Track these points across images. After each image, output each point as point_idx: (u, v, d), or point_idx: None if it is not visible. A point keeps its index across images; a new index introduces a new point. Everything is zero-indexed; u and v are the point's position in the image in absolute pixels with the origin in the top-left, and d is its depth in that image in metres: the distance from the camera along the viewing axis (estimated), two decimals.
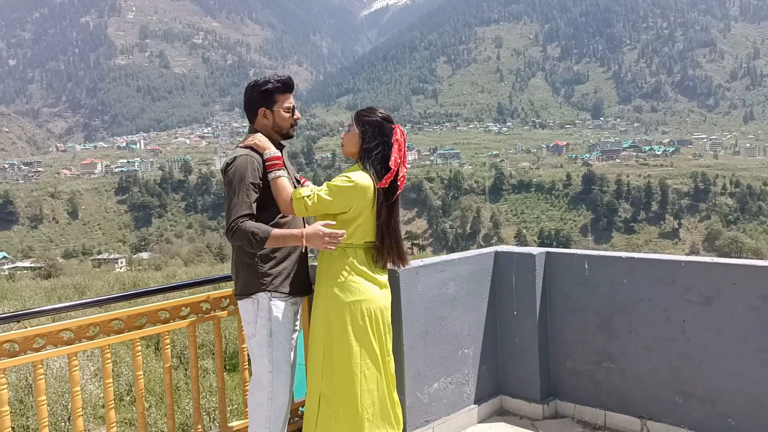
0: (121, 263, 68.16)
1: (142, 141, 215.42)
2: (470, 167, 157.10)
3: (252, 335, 3.08)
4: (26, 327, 2.82)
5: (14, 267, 59.23)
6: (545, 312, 4.18)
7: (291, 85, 3.21)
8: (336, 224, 3.01)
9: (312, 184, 3.26)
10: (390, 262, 3.21)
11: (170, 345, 7.57)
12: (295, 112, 3.23)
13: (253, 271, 3.05)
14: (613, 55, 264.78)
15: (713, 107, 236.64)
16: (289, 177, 3.16)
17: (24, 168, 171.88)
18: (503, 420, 4.17)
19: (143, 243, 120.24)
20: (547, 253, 4.20)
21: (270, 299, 3.05)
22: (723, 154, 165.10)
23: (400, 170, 3.11)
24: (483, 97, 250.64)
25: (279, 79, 3.16)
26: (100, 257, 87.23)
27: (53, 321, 3.79)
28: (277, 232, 2.95)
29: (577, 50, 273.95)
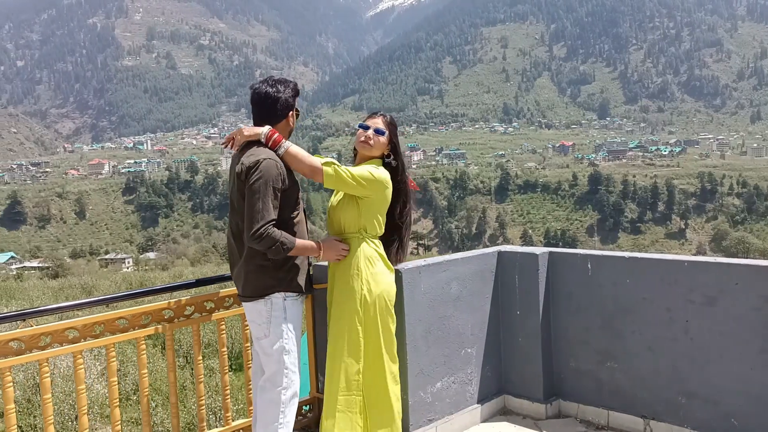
0: (128, 263, 68.37)
1: (149, 141, 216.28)
2: (476, 167, 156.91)
3: (264, 335, 3.06)
4: (32, 326, 2.84)
5: (22, 267, 59.43)
6: (548, 312, 4.18)
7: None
8: (363, 211, 3.17)
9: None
10: (394, 257, 3.38)
11: (177, 344, 7.65)
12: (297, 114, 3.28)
13: (268, 272, 3.04)
14: (620, 55, 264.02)
15: (720, 107, 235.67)
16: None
17: (32, 168, 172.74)
18: (506, 419, 4.18)
19: (150, 243, 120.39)
20: (550, 253, 4.21)
21: (284, 299, 3.07)
22: (730, 154, 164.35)
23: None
24: (489, 98, 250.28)
25: (295, 82, 3.20)
26: (108, 257, 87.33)
27: (60, 320, 3.82)
28: (300, 243, 3.02)
29: (584, 50, 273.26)
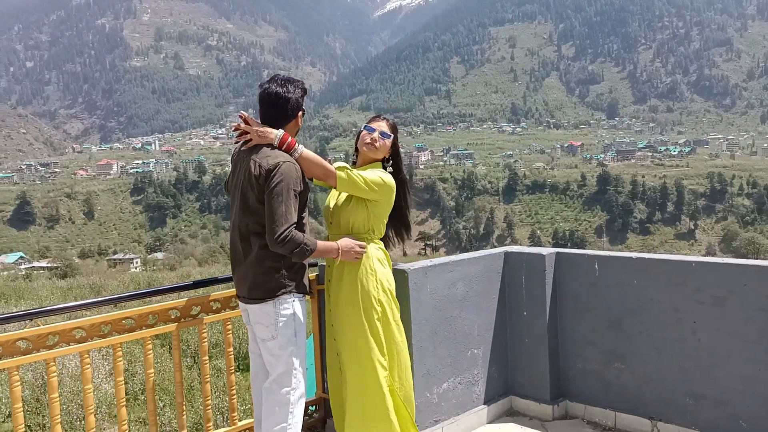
0: (136, 263, 68.56)
1: (157, 142, 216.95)
2: (484, 168, 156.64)
3: (271, 337, 3.05)
4: (39, 325, 2.85)
5: (31, 267, 59.66)
6: (555, 312, 4.17)
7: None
8: (372, 213, 3.26)
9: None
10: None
11: (185, 345, 7.66)
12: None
13: (278, 274, 3.04)
14: (628, 55, 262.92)
15: (730, 107, 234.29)
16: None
17: (41, 169, 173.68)
18: (513, 420, 4.17)
19: (158, 243, 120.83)
20: (557, 254, 4.19)
21: (293, 300, 3.07)
22: (740, 155, 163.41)
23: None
24: (497, 98, 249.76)
25: (303, 82, 3.18)
26: (116, 257, 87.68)
27: (68, 320, 3.83)
28: (321, 245, 3.05)
29: (592, 50, 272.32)
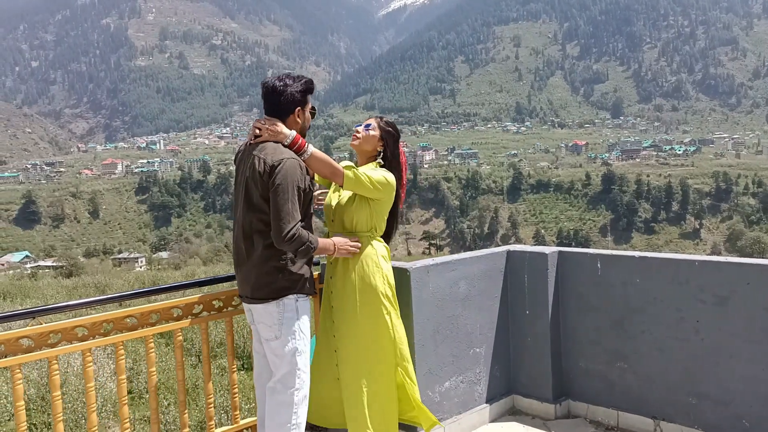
0: (141, 262, 68.75)
1: (162, 141, 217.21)
2: (488, 167, 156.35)
3: (275, 337, 3.06)
4: (41, 323, 2.86)
5: (36, 266, 59.79)
6: (557, 311, 4.16)
7: (314, 87, 3.27)
8: (375, 211, 3.31)
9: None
10: None
11: (190, 343, 7.67)
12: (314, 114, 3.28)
13: (283, 275, 3.04)
14: (633, 54, 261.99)
15: (735, 106, 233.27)
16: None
17: (46, 168, 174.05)
18: (515, 419, 4.17)
19: (163, 242, 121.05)
20: (560, 253, 4.19)
21: (297, 300, 3.07)
22: (745, 154, 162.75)
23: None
24: (501, 97, 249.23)
25: (310, 79, 3.20)
26: (121, 256, 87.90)
27: (72, 318, 3.83)
28: (322, 243, 3.07)
29: (597, 49, 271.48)
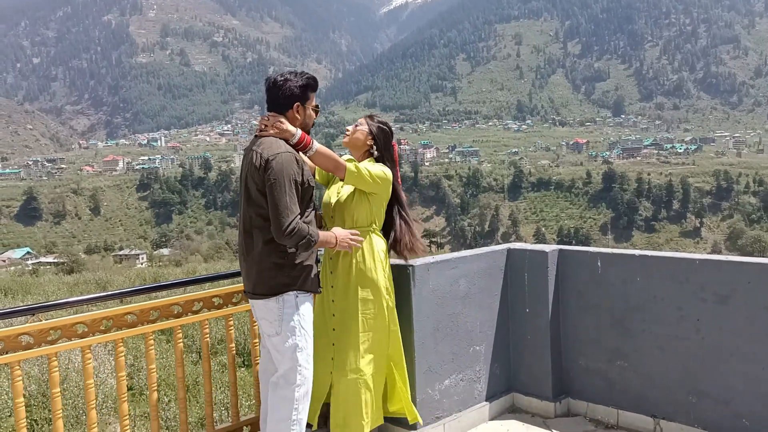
0: (142, 259, 68.78)
1: (163, 138, 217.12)
2: (489, 165, 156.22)
3: (276, 333, 3.05)
4: (41, 320, 2.86)
5: (38, 262, 59.75)
6: (558, 310, 4.16)
7: (318, 84, 3.25)
8: (373, 206, 3.39)
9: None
10: (398, 252, 3.53)
11: (191, 340, 7.67)
12: (317, 112, 3.27)
13: (283, 271, 3.03)
14: (635, 52, 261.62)
15: (737, 104, 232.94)
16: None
17: (47, 165, 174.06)
18: (515, 417, 4.17)
19: (164, 239, 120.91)
20: (560, 251, 4.18)
21: (297, 296, 3.06)
22: (746, 152, 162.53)
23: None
24: (502, 95, 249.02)
25: (312, 76, 3.18)
26: (122, 253, 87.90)
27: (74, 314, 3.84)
28: (323, 236, 3.07)
29: (598, 47, 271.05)
